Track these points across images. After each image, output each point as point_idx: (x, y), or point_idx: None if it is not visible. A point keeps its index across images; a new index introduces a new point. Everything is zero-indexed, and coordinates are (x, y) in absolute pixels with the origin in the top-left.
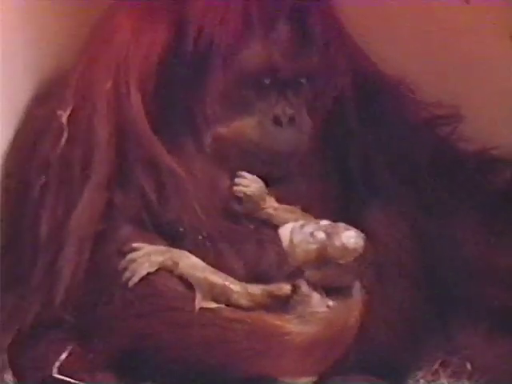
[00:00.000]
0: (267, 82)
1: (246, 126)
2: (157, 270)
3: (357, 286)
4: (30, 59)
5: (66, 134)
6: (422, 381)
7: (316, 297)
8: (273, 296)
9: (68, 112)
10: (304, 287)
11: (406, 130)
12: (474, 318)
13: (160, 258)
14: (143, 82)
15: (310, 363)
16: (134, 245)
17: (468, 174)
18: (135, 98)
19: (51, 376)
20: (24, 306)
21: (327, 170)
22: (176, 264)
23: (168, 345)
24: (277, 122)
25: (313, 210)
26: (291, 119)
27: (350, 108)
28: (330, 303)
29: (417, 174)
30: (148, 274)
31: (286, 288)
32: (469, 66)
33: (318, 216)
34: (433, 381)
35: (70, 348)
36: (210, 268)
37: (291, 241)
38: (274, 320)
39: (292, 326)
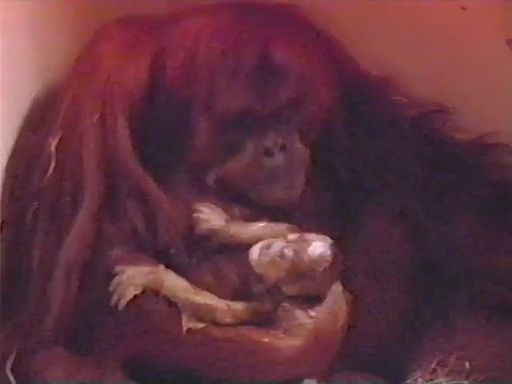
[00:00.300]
0: (250, 120)
1: (239, 165)
2: (143, 292)
3: (337, 290)
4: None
5: (53, 163)
6: (420, 380)
7: (298, 309)
8: (256, 312)
9: (56, 141)
10: (284, 302)
11: (397, 130)
12: (473, 317)
13: (143, 281)
14: (130, 118)
15: (302, 372)
16: (117, 268)
17: (465, 164)
18: (122, 132)
19: None
20: (19, 334)
21: (320, 178)
22: (160, 286)
23: (159, 365)
24: (268, 153)
25: (311, 218)
26: (282, 148)
27: (340, 121)
28: (313, 313)
29: (413, 172)
30: (135, 295)
31: (267, 304)
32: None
33: (317, 225)
34: (431, 380)
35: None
36: (192, 288)
37: (260, 263)
38: (262, 337)
39: (280, 341)
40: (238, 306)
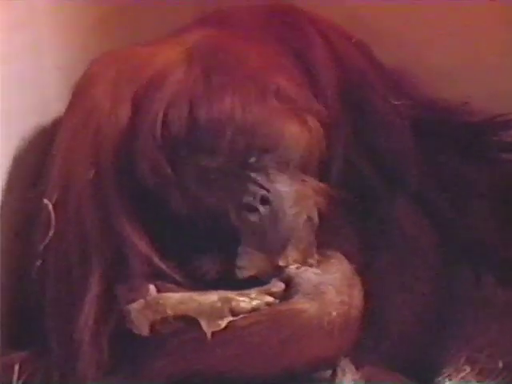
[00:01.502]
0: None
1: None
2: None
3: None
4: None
5: (53, 223)
6: (447, 380)
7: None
8: (270, 293)
9: (53, 201)
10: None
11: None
12: (506, 311)
13: (150, 316)
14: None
15: (334, 335)
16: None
17: (479, 144)
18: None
19: None
20: None
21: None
22: (163, 309)
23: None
24: (251, 209)
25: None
26: (264, 200)
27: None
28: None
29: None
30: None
31: (280, 284)
32: None
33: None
34: (461, 378)
35: None
36: (194, 294)
37: None
38: (286, 306)
39: (304, 305)
40: (250, 290)
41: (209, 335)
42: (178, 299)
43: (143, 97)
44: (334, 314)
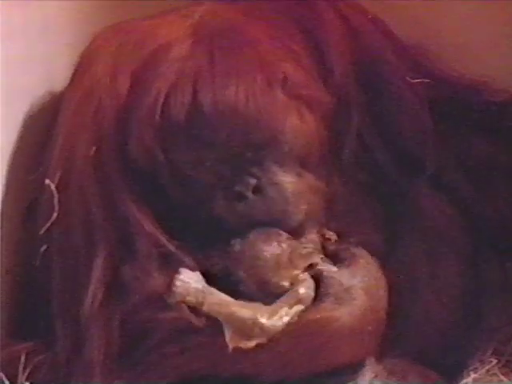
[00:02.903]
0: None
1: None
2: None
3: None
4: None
5: (57, 205)
6: (472, 372)
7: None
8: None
9: (56, 181)
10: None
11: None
12: None
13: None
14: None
15: (364, 341)
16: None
17: (503, 123)
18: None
19: None
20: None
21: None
22: (201, 303)
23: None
24: (240, 197)
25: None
26: (256, 188)
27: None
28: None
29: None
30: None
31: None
32: None
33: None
34: (487, 371)
35: None
36: (233, 301)
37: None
38: (317, 314)
39: (335, 312)
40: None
41: (230, 348)
42: (218, 299)
43: (144, 72)
44: (365, 322)
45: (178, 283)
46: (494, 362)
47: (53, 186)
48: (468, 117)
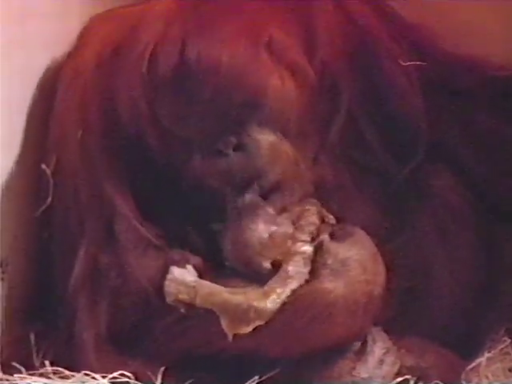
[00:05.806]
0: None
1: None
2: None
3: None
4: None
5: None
6: (486, 351)
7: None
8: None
9: (52, 164)
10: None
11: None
12: None
13: (178, 293)
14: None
15: (357, 313)
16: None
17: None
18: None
19: None
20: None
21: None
22: (193, 298)
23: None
24: (221, 155)
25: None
26: (237, 146)
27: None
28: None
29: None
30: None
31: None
32: None
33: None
34: (500, 350)
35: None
36: (224, 289)
37: None
38: (311, 287)
39: (329, 284)
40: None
41: (230, 336)
42: (209, 291)
43: (131, 31)
44: (359, 293)
45: (167, 283)
46: (508, 341)
47: (48, 171)
48: (472, 93)
